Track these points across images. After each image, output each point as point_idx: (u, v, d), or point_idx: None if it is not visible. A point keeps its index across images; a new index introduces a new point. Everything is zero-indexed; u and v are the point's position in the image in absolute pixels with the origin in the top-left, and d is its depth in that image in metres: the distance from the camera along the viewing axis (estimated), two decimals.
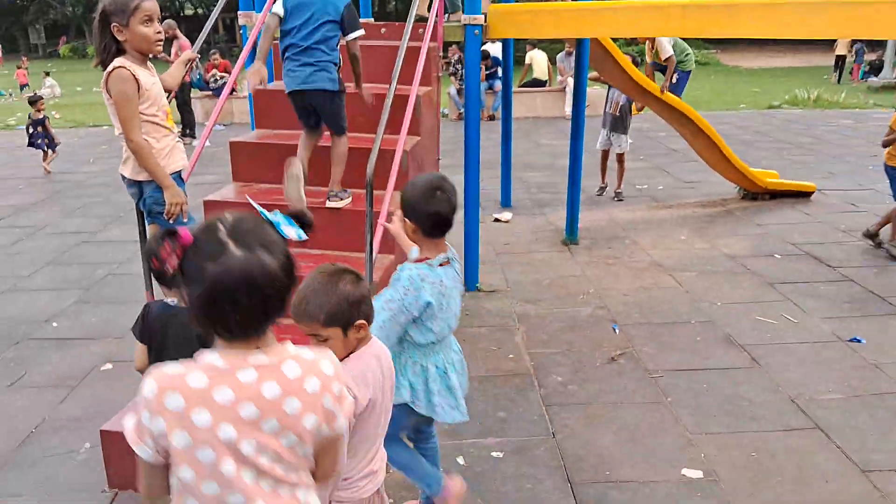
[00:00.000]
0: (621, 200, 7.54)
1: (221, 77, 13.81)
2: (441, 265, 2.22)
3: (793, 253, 5.79)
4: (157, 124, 2.96)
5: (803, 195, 7.51)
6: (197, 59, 12.49)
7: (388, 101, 3.49)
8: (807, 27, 3.68)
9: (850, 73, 20.83)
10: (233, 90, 14.01)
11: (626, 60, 6.20)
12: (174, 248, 1.21)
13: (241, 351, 1.26)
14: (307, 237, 1.36)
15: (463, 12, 4.67)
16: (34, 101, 9.53)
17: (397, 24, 5.06)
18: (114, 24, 2.83)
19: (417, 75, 3.92)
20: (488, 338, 4.28)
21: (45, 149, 9.46)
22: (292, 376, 1.28)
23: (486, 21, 4.68)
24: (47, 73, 20.26)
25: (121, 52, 2.88)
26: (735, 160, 7.23)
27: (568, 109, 13.70)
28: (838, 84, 19.57)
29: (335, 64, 3.63)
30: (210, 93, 13.74)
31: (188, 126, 11.32)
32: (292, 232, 1.31)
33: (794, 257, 5.69)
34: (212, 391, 1.23)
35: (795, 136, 11.52)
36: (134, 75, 2.82)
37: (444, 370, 2.31)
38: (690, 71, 9.67)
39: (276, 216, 1.31)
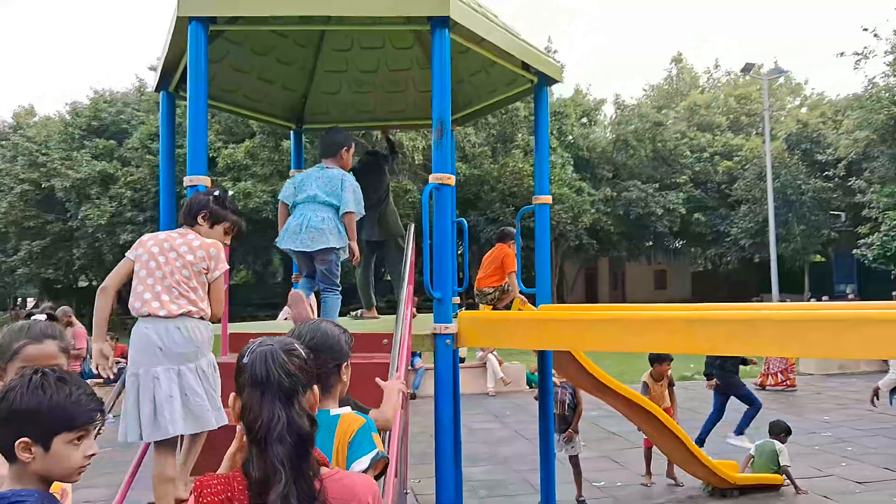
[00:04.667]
0: None
1: (118, 362, 12.52)
2: None
3: None
4: None
5: (772, 488, 6.96)
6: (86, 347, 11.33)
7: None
8: (836, 348, 3.34)
9: None
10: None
11: (587, 360, 5.78)
12: None
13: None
14: None
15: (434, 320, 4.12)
16: None
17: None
18: None
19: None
20: None
21: None
22: (189, 237, 3.18)
23: (457, 329, 4.13)
24: None
25: None
26: (701, 455, 6.69)
27: (490, 385, 13.27)
28: None
29: None
30: (100, 380, 12.32)
31: None
32: None
33: None
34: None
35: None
36: None
37: None
38: None
39: None
